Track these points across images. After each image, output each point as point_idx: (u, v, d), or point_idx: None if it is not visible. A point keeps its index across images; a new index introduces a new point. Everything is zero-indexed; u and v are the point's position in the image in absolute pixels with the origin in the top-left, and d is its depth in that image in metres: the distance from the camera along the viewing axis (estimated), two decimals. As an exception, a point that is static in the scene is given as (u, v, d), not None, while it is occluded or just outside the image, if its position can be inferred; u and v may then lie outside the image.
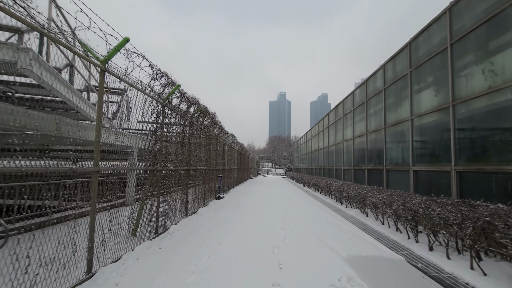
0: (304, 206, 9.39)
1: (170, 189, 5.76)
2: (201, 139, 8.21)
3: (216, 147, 10.84)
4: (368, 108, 10.14)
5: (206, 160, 9.10)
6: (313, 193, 14.33)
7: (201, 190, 8.42)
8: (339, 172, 13.93)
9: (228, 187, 14.50)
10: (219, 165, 11.79)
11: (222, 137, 12.09)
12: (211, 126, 9.30)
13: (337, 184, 10.31)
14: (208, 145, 9.39)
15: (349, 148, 12.48)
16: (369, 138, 9.99)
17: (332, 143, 15.67)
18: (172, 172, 5.90)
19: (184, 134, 6.43)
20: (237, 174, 18.27)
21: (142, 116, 4.43)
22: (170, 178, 5.79)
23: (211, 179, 10.01)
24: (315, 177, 17.24)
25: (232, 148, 15.48)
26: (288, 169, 44.90)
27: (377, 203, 6.40)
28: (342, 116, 13.52)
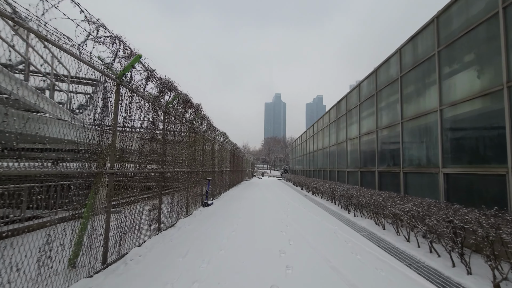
0: (305, 215, 7.98)
1: (132, 198, 4.27)
2: (182, 135, 6.74)
3: (203, 146, 9.37)
4: (379, 101, 8.82)
5: (190, 160, 7.62)
6: (313, 197, 12.95)
7: (182, 196, 6.93)
8: (342, 174, 12.59)
9: (219, 191, 13.02)
10: (207, 167, 10.30)
11: (211, 135, 10.62)
12: (196, 121, 7.84)
13: (343, 189, 8.94)
14: (192, 143, 7.93)
15: (354, 147, 11.14)
16: (380, 135, 8.66)
17: (333, 142, 14.34)
18: (136, 175, 4.42)
19: (155, 126, 4.96)
20: (229, 176, 16.79)
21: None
22: (133, 184, 4.31)
23: (197, 183, 8.53)
24: (315, 179, 15.87)
25: (223, 148, 14.02)
26: (284, 171, 43.53)
27: (402, 215, 5.02)
28: (346, 112, 12.20)
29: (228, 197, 12.59)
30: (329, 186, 10.63)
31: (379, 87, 8.75)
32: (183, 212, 7.02)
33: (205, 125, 9.20)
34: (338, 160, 13.41)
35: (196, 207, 8.43)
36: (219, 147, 13.03)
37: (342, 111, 12.92)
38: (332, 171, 14.47)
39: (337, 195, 9.29)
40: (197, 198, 8.77)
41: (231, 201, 11.05)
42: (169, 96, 5.78)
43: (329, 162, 15.13)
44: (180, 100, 6.07)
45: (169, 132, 5.90)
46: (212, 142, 11.09)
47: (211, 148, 11.07)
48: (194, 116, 7.57)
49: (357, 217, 7.58)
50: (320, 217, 7.73)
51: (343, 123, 12.63)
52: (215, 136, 11.26)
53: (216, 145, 12.10)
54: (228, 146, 15.92)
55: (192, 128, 7.67)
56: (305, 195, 14.18)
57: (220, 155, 13.24)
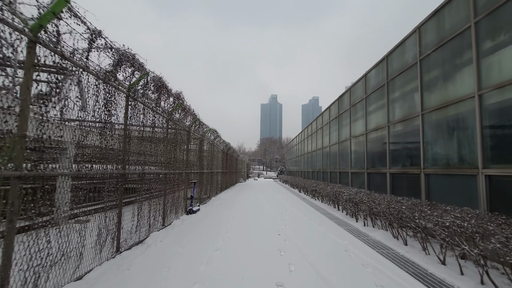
0: (306, 224, 6.74)
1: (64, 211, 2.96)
2: (158, 129, 5.44)
3: (188, 143, 8.07)
4: (391, 92, 7.66)
5: (169, 160, 6.33)
6: (312, 201, 11.73)
7: (156, 204, 5.63)
8: (345, 176, 11.41)
9: (209, 195, 11.71)
10: (194, 168, 9.00)
11: (198, 131, 9.32)
12: (177, 112, 6.55)
13: (349, 193, 7.73)
14: (172, 140, 6.63)
15: (359, 146, 9.98)
16: (393, 131, 7.49)
17: (334, 141, 13.17)
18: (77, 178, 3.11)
19: (109, 112, 3.67)
20: (222, 178, 15.48)
21: None
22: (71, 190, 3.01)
23: (178, 187, 7.22)
24: (314, 181, 14.67)
25: (214, 147, 12.71)
26: (280, 172, 42.33)
27: (439, 231, 3.81)
28: (349, 107, 11.04)
29: (218, 201, 11.28)
30: (332, 190, 9.42)
31: (391, 75, 7.59)
32: (157, 223, 5.71)
33: (189, 118, 7.91)
34: (340, 161, 12.24)
35: (177, 215, 7.11)
36: (209, 146, 11.73)
37: (344, 106, 11.76)
38: (333, 173, 13.29)
39: (342, 200, 8.08)
40: (180, 204, 7.46)
41: (221, 206, 9.76)
42: (136, 76, 4.50)
43: (330, 163, 13.95)
44: (151, 83, 4.78)
45: (137, 124, 4.61)
46: (200, 139, 9.80)
47: (199, 147, 9.77)
48: (173, 106, 6.28)
49: (368, 227, 6.38)
50: (324, 227, 6.50)
51: (346, 119, 11.46)
52: (203, 133, 9.96)
53: (205, 143, 10.81)
54: (220, 145, 14.62)
55: (171, 121, 6.37)
56: (304, 199, 12.96)
57: (210, 155, 11.94)
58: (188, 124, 7.98)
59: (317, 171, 16.84)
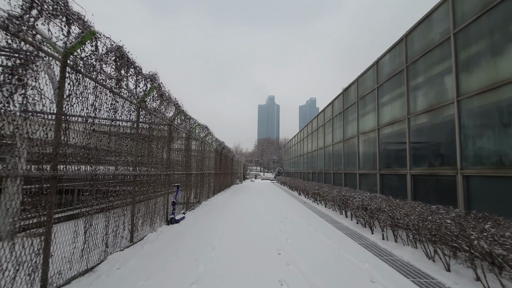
0: (313, 239, 5.47)
1: None
2: (117, 115, 4.13)
3: (170, 139, 6.76)
4: (411, 78, 6.45)
5: (141, 158, 5.03)
6: (314, 206, 10.48)
7: (120, 215, 4.32)
8: (352, 177, 10.18)
9: (199, 199, 10.40)
10: (178, 168, 7.69)
11: (183, 127, 8.01)
12: (150, 98, 5.24)
13: (362, 198, 6.49)
14: (148, 135, 5.34)
15: (369, 143, 8.76)
16: (414, 124, 6.27)
17: (338, 139, 11.95)
18: None
19: (22, 83, 2.37)
20: (215, 180, 14.16)
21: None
22: None
23: (156, 191, 5.91)
24: (316, 184, 13.43)
25: (205, 145, 11.40)
26: (278, 173, 41.06)
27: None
28: (356, 100, 9.82)
29: (209, 206, 9.97)
30: (339, 194, 8.18)
31: (412, 58, 6.38)
32: (122, 240, 4.39)
33: (172, 110, 6.61)
34: (345, 161, 11.01)
35: (154, 227, 5.80)
36: (199, 144, 10.42)
37: (351, 100, 10.54)
38: (337, 174, 12.06)
39: (352, 206, 6.83)
40: (158, 213, 6.15)
41: (212, 213, 8.45)
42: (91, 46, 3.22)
43: (333, 163, 12.72)
44: (105, 51, 3.48)
45: (84, 106, 3.31)
46: (187, 136, 8.49)
47: (185, 144, 8.47)
48: (146, 91, 4.98)
49: (388, 242, 5.14)
50: (334, 241, 5.24)
51: (353, 114, 10.24)
52: (191, 128, 8.65)
53: (193, 140, 9.50)
54: (213, 144, 13.31)
55: (144, 110, 5.08)
56: (304, 203, 11.70)
57: (201, 154, 10.63)
58: (170, 116, 6.69)
59: (318, 172, 15.61)
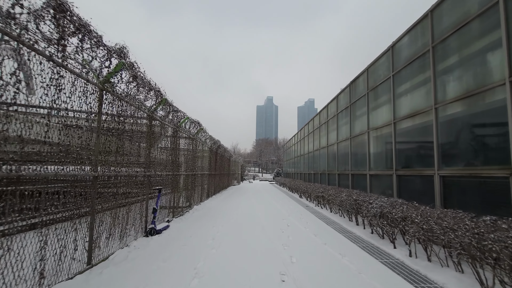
0: (323, 255, 4.38)
1: None
2: (60, 95, 3.04)
3: (150, 134, 5.66)
4: (439, 60, 5.41)
5: (106, 155, 3.93)
6: (318, 211, 9.40)
7: (74, 230, 3.21)
8: (360, 179, 9.12)
9: (190, 202, 9.29)
10: (160, 168, 6.57)
11: (169, 120, 6.90)
12: (118, 78, 4.13)
13: (381, 205, 5.41)
14: (118, 129, 4.25)
15: (383, 140, 7.71)
16: (444, 114, 5.22)
17: (344, 136, 10.90)
18: None
19: None
20: (209, 181, 13.04)
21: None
22: None
23: (129, 195, 4.79)
24: (319, 186, 12.35)
25: (197, 142, 10.28)
26: (277, 174, 39.96)
27: None
28: (366, 92, 8.77)
29: (201, 211, 8.85)
30: (349, 198, 7.10)
31: (440, 36, 5.33)
32: (72, 265, 3.27)
33: (152, 95, 5.50)
34: (352, 160, 9.95)
35: (125, 241, 4.68)
36: (191, 142, 9.32)
37: (359, 92, 9.49)
38: (343, 175, 11.00)
39: (367, 213, 5.76)
40: (134, 222, 5.04)
41: (202, 220, 7.34)
42: None
43: (338, 163, 11.66)
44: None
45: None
46: (174, 131, 7.38)
47: (173, 141, 7.35)
48: (111, 69, 3.87)
49: (418, 259, 4.07)
50: (350, 259, 4.16)
51: (362, 108, 9.19)
52: (178, 123, 7.54)
53: (183, 137, 8.39)
54: (207, 142, 12.20)
55: (108, 92, 3.97)
56: (307, 206, 10.63)
57: (192, 153, 9.52)
58: (150, 106, 5.58)
59: (321, 173, 14.55)
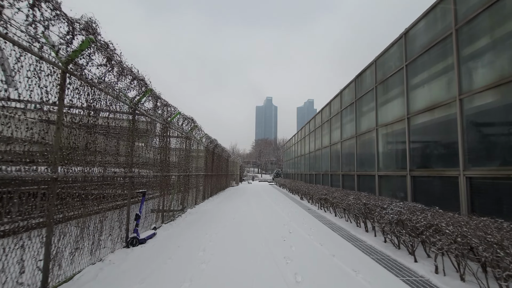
0: (334, 271, 3.66)
1: None
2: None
3: (133, 130, 4.94)
4: (463, 45, 4.72)
5: (74, 153, 3.21)
6: (321, 214, 8.68)
7: (20, 246, 2.48)
8: (368, 180, 8.41)
9: (184, 206, 8.56)
10: (147, 168, 5.84)
11: (157, 115, 6.18)
12: (85, 58, 3.42)
13: (398, 210, 4.70)
14: (87, 122, 3.53)
15: (393, 138, 7.02)
16: (470, 106, 4.53)
17: (349, 135, 10.21)
18: None
19: None
20: (205, 182, 12.31)
21: None
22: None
23: (103, 201, 4.06)
24: (322, 187, 11.65)
25: (192, 141, 9.56)
26: (276, 174, 39.23)
27: None
28: (375, 86, 8.08)
29: (195, 215, 8.13)
30: (357, 201, 6.40)
31: (466, 16, 4.64)
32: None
33: (136, 85, 4.78)
34: (358, 160, 9.25)
35: (99, 255, 3.95)
36: (184, 140, 8.59)
37: (366, 87, 8.80)
38: (348, 176, 10.29)
39: (381, 219, 5.05)
40: (112, 231, 4.32)
41: (195, 226, 6.62)
42: None
43: (342, 163, 10.95)
44: None
45: None
46: (164, 127, 6.66)
47: (163, 140, 6.63)
48: (77, 47, 3.16)
49: (447, 278, 3.37)
50: (366, 277, 3.44)
51: (369, 103, 8.50)
52: (169, 118, 6.81)
53: (174, 136, 7.67)
54: (203, 141, 11.48)
55: (74, 76, 3.26)
56: (308, 209, 9.92)
57: (186, 153, 8.79)
58: (132, 97, 4.87)
59: (323, 174, 13.84)
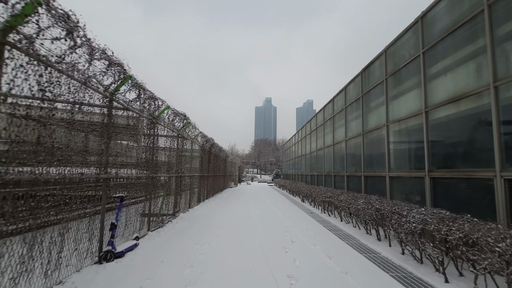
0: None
1: None
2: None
3: (108, 124, 4.19)
4: (496, 23, 4.02)
5: (17, 147, 2.47)
6: (325, 218, 7.95)
7: None
8: (377, 182, 7.69)
9: (175, 210, 7.81)
10: (137, 168, 5.09)
11: (141, 109, 5.44)
12: (42, 35, 2.70)
13: (421, 217, 3.97)
14: (40, 113, 2.78)
15: (407, 135, 6.30)
16: (508, 96, 3.81)
17: (355, 133, 9.49)
18: None
19: None
20: (201, 184, 11.55)
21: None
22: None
23: (64, 209, 3.31)
24: (325, 189, 10.91)
25: (183, 139, 8.81)
26: (276, 175, 38.48)
27: None
28: (384, 78, 7.37)
29: (187, 221, 7.38)
30: (368, 205, 5.67)
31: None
32: None
33: (114, 72, 4.04)
34: (366, 160, 8.52)
35: (59, 275, 3.20)
36: (176, 138, 7.84)
37: (374, 80, 8.08)
38: (353, 177, 9.56)
39: (398, 228, 4.32)
40: (78, 245, 3.57)
41: (185, 234, 5.86)
42: None
43: (347, 164, 10.23)
44: None
45: None
46: (150, 122, 5.92)
47: (148, 135, 5.89)
48: (19, 10, 2.43)
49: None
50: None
51: (378, 97, 7.78)
52: (155, 111, 6.06)
53: (163, 131, 6.91)
54: (199, 139, 10.73)
55: (16, 49, 2.53)
56: (311, 213, 9.19)
57: (178, 152, 8.04)
58: (109, 84, 4.13)
59: (325, 175, 13.11)
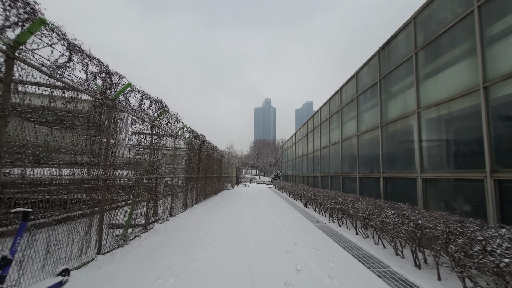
0: None
1: None
2: None
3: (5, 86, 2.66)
4: None
5: None
6: (335, 229, 6.40)
7: None
8: (402, 185, 6.15)
9: (148, 221, 6.25)
10: (56, 166, 3.54)
11: (80, 83, 3.89)
12: None
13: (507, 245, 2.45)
14: None
15: (447, 123, 4.79)
16: None
17: (369, 126, 7.97)
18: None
19: None
20: (188, 187, 9.99)
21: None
22: None
23: None
24: (334, 194, 9.37)
25: (170, 136, 7.25)
26: (275, 176, 36.90)
27: None
28: (413, 53, 5.86)
29: (161, 235, 5.82)
30: (401, 220, 4.14)
31: None
32: None
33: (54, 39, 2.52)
34: (385, 158, 6.99)
35: None
36: (151, 131, 6.29)
37: (397, 58, 6.56)
38: (367, 178, 8.03)
39: (479, 263, 2.79)
40: None
41: (151, 258, 4.30)
42: None
43: (358, 163, 8.70)
44: None
45: None
46: (100, 103, 4.37)
47: (96, 121, 4.34)
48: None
49: None
50: None
51: (404, 79, 6.26)
52: (109, 88, 4.51)
53: (136, 122, 5.36)
54: (185, 135, 9.17)
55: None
56: (317, 222, 7.64)
57: (153, 149, 6.48)
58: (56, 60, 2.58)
59: (331, 176, 11.57)
